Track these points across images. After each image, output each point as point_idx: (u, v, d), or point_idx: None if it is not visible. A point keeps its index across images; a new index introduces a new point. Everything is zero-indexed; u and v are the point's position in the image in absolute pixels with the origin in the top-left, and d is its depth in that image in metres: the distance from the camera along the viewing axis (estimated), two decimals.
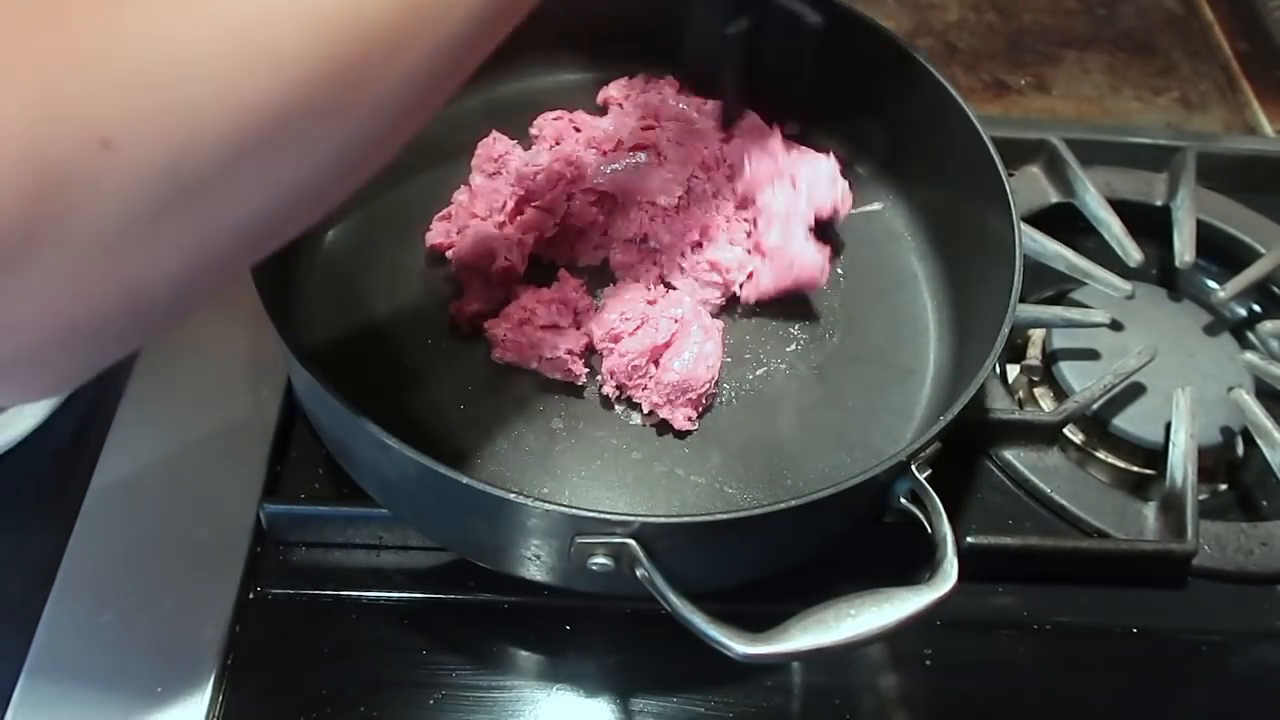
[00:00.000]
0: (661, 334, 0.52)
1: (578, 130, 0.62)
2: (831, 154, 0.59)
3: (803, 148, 0.59)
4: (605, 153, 0.59)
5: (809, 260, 0.55)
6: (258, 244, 0.33)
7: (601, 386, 0.53)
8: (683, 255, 0.57)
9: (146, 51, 0.27)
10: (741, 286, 0.56)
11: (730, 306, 0.57)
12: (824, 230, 0.58)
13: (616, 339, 0.53)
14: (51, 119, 0.26)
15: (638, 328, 0.53)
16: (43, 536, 0.58)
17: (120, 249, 0.28)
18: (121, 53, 0.26)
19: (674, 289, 0.56)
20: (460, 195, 0.59)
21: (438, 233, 0.57)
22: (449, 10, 0.31)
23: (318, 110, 0.29)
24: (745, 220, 0.58)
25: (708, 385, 0.52)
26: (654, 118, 0.61)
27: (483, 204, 0.57)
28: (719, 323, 0.55)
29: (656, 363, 0.52)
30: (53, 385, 0.31)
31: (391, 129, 0.33)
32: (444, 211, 0.58)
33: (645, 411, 0.53)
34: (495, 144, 0.60)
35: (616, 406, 0.53)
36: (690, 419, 0.52)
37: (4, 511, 0.55)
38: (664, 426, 0.52)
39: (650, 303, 0.54)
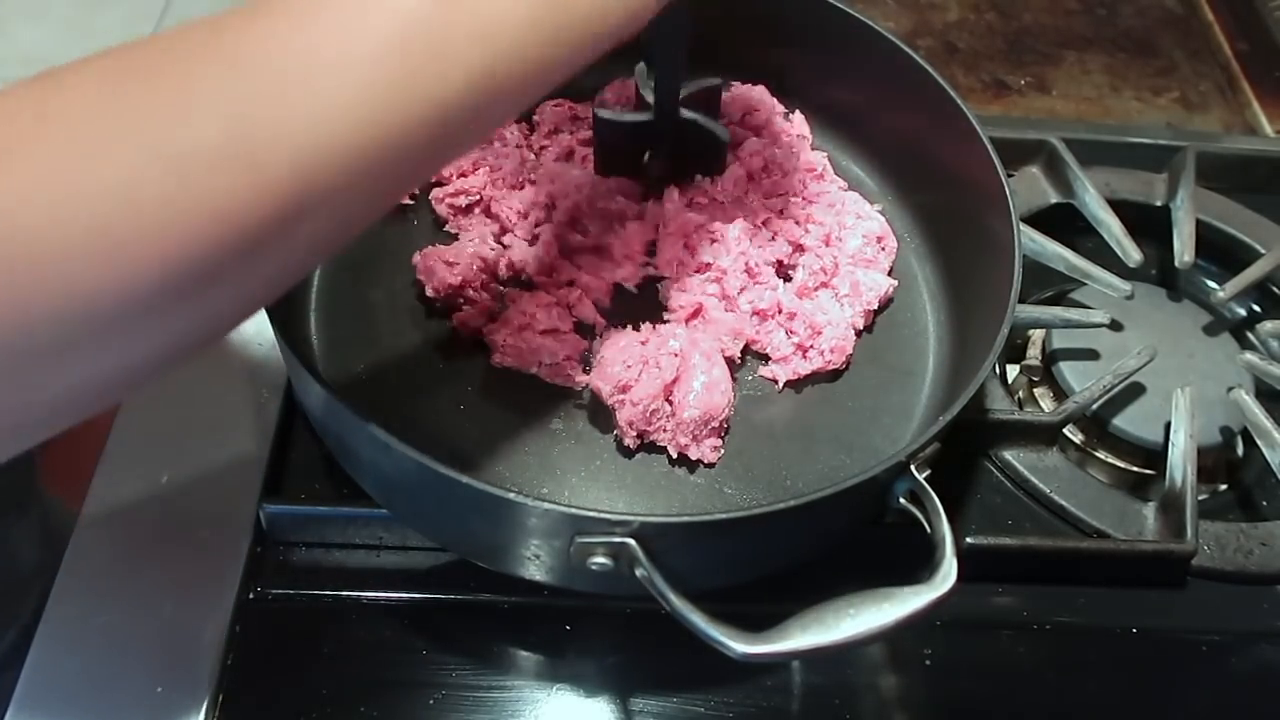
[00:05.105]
0: (666, 371, 0.51)
1: (576, 118, 0.63)
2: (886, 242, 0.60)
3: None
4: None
5: (845, 355, 0.56)
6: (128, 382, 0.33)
7: (621, 438, 0.51)
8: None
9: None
10: (775, 364, 0.56)
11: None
12: None
13: (626, 389, 0.51)
14: None
15: (641, 371, 0.51)
16: (43, 536, 0.58)
17: None
18: None
19: (664, 322, 0.55)
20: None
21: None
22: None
23: (169, 297, 0.30)
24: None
25: (727, 411, 0.52)
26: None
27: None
28: (716, 344, 0.54)
29: (670, 401, 0.51)
30: None
31: (266, 293, 0.36)
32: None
33: (673, 455, 0.51)
34: None
35: (639, 454, 0.52)
36: (717, 449, 0.52)
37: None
38: None
39: (643, 343, 0.53)
